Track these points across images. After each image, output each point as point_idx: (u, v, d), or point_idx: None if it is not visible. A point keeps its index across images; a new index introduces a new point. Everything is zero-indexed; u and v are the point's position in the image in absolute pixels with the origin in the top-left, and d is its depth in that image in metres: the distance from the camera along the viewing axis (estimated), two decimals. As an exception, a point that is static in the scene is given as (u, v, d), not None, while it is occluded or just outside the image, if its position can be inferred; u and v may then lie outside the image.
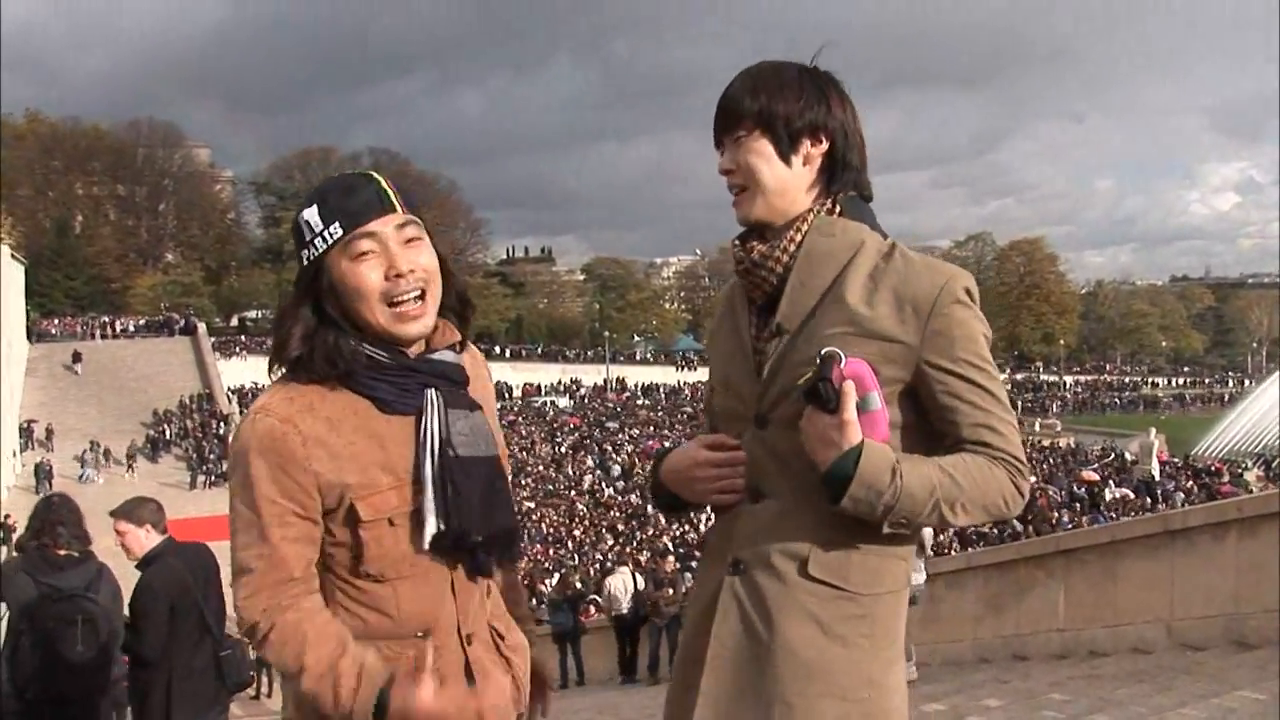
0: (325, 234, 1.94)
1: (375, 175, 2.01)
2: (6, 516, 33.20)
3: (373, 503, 1.93)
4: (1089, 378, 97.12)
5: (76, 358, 56.80)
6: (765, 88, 2.04)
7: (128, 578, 5.34)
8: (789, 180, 2.04)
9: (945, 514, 1.89)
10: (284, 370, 2.00)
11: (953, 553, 18.10)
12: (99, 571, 5.32)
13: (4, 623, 5.26)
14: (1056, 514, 28.58)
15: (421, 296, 1.96)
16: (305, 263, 1.97)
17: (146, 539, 5.26)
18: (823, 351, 1.89)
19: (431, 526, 1.94)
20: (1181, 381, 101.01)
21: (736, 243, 2.12)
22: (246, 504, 1.93)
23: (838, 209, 2.06)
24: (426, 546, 1.94)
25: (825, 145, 2.05)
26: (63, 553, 5.24)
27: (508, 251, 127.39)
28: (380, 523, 1.93)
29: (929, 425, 1.98)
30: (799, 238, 2.03)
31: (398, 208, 1.97)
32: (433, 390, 1.99)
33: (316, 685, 1.87)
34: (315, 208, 1.96)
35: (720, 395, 2.16)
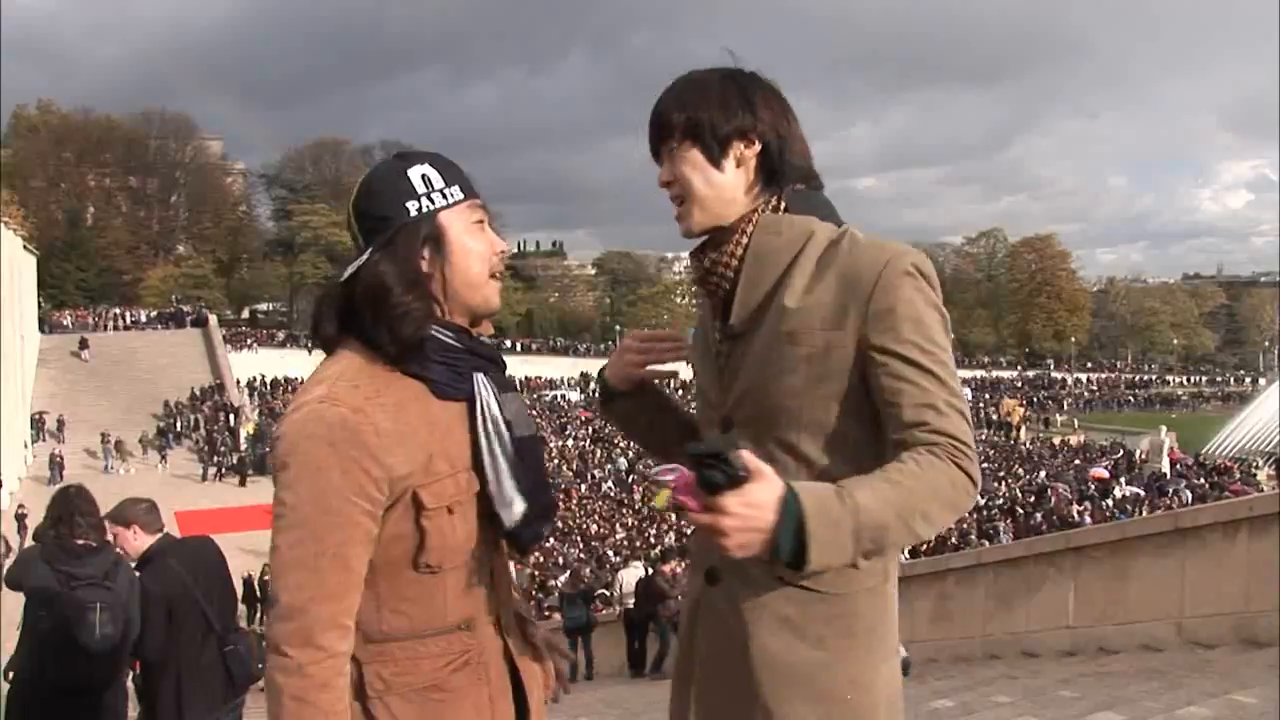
0: (445, 191, 1.95)
1: None
2: (20, 506, 33.37)
3: (435, 491, 1.88)
4: (1104, 375, 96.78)
5: (84, 344, 57.00)
6: (689, 99, 2.03)
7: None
8: (724, 185, 2.02)
9: (914, 525, 1.74)
10: (321, 345, 1.94)
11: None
12: (116, 561, 5.28)
13: (22, 611, 5.30)
14: (1080, 507, 28.61)
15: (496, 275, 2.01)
16: (414, 214, 1.91)
17: (136, 539, 5.26)
18: (653, 474, 1.74)
19: (520, 506, 1.94)
20: (1193, 380, 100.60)
21: (692, 254, 2.11)
22: (309, 500, 1.79)
23: (783, 205, 2.02)
24: (511, 527, 1.95)
25: (757, 146, 2.01)
26: (80, 542, 5.20)
27: (519, 245, 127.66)
28: (440, 511, 1.88)
29: (878, 437, 1.87)
30: (745, 240, 2.01)
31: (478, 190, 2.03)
32: (481, 374, 1.96)
33: None
34: (430, 166, 1.96)
35: (701, 400, 2.14)
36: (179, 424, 48.95)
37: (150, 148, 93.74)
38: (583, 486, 45.98)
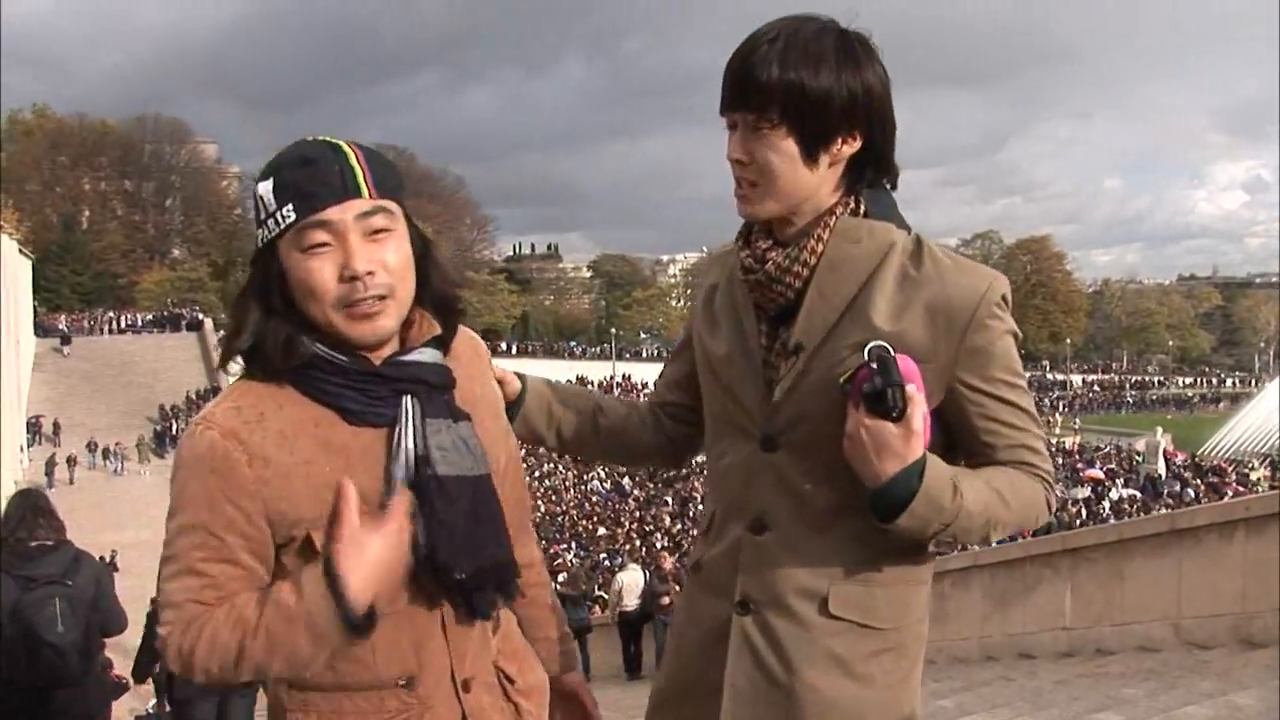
0: (277, 215, 1.60)
1: (344, 146, 1.65)
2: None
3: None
4: (1100, 377, 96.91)
5: (65, 340, 57.20)
6: (798, 70, 1.70)
7: (139, 574, 5.37)
8: (811, 184, 1.77)
9: (990, 535, 1.76)
10: (240, 369, 1.71)
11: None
12: (75, 557, 5.24)
13: None
14: (1074, 509, 28.65)
15: (382, 297, 1.63)
16: (260, 245, 1.65)
17: None
18: (871, 346, 1.67)
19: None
20: (1189, 381, 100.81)
21: (743, 247, 1.88)
22: (180, 530, 1.62)
23: (862, 207, 1.81)
24: (446, 582, 1.67)
25: (858, 144, 1.77)
26: (34, 543, 5.16)
27: (514, 248, 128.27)
28: None
29: (948, 443, 1.81)
30: (820, 246, 1.79)
31: (365, 191, 1.61)
32: (409, 397, 1.67)
33: (268, 639, 1.56)
34: (270, 180, 1.62)
35: (721, 400, 1.93)
36: (174, 428, 48.94)
37: (145, 151, 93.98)
38: (583, 487, 45.92)
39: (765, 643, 1.83)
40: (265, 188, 1.62)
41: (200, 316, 66.48)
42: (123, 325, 65.88)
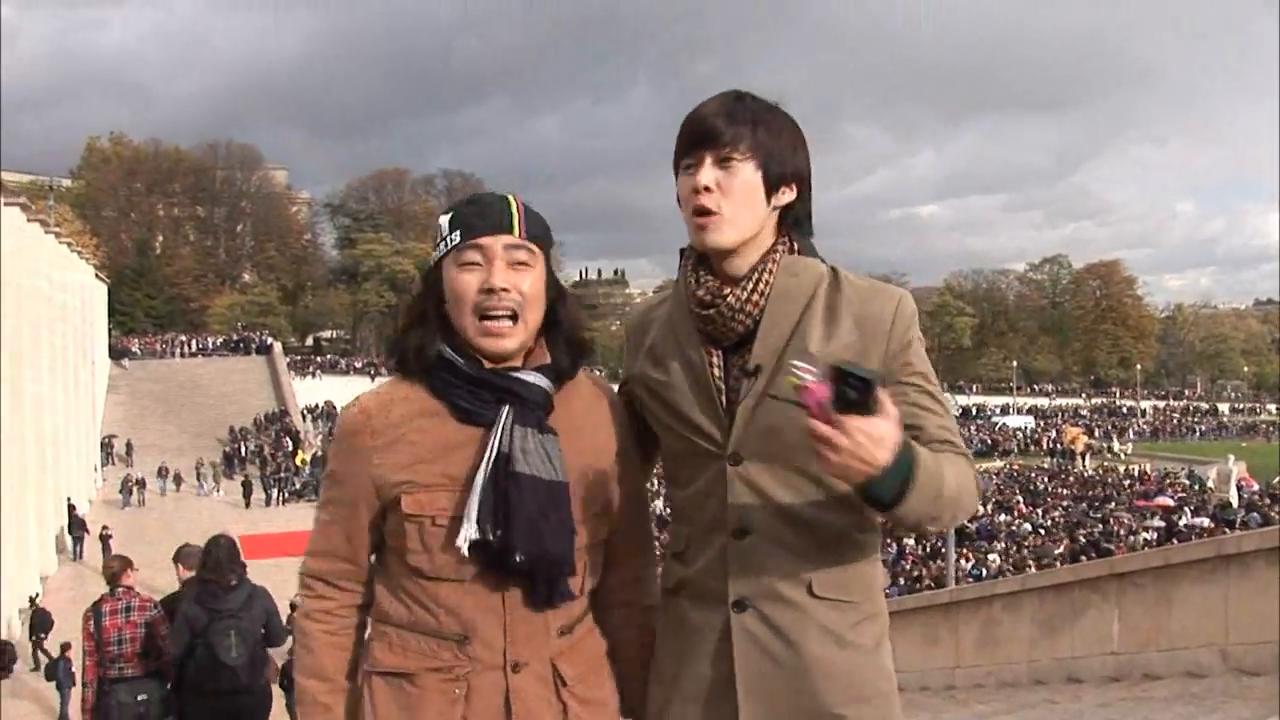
0: (447, 239, 2.04)
1: (511, 199, 2.07)
2: (104, 528, 34.31)
3: (418, 499, 2.00)
4: (1172, 403, 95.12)
5: (121, 354, 58.30)
6: (765, 122, 2.04)
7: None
8: (761, 220, 2.06)
9: (957, 513, 1.96)
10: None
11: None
12: (250, 594, 6.86)
13: (172, 634, 7.09)
14: (1147, 536, 28.11)
15: (514, 318, 2.01)
16: (433, 264, 2.09)
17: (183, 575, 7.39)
18: (795, 362, 1.88)
19: (469, 531, 1.96)
20: (1265, 407, 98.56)
21: (693, 281, 2.09)
22: (326, 475, 2.14)
23: (796, 248, 2.10)
24: (464, 550, 1.96)
25: (794, 194, 2.08)
26: (220, 583, 6.75)
27: (581, 273, 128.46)
28: (423, 520, 2.00)
29: None
30: (771, 279, 2.06)
31: (516, 229, 2.03)
32: (506, 406, 2.01)
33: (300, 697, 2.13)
34: (449, 214, 2.07)
35: (679, 433, 2.11)
36: (243, 450, 49.69)
37: (217, 178, 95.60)
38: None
39: (767, 631, 2.04)
40: (443, 219, 2.08)
41: (269, 340, 67.44)
42: (194, 349, 67.03)
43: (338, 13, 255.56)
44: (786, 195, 2.07)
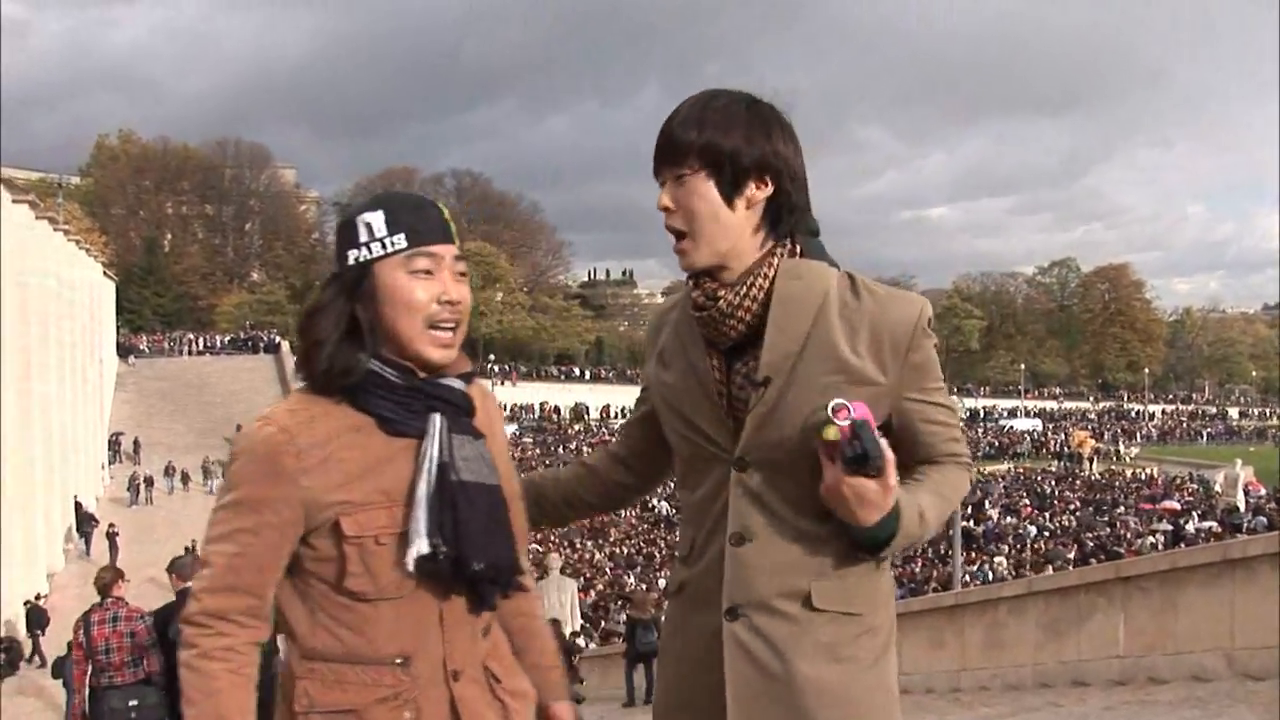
0: (387, 241, 1.93)
1: (441, 205, 2.03)
2: (110, 526, 34.40)
3: (358, 520, 1.91)
4: (1180, 407, 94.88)
5: (129, 352, 58.39)
6: (711, 123, 1.97)
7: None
8: (732, 225, 1.99)
9: (935, 531, 2.10)
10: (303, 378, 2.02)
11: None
12: None
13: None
14: (1153, 540, 28.03)
15: (454, 329, 1.97)
16: (351, 262, 1.96)
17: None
18: (834, 404, 1.86)
19: (419, 547, 1.90)
20: (1273, 412, 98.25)
21: (692, 284, 2.07)
22: (228, 504, 1.93)
23: (799, 250, 2.04)
24: (411, 568, 1.90)
25: (770, 189, 1.99)
26: None
27: (589, 274, 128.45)
28: (366, 541, 1.91)
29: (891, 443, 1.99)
30: (766, 284, 2.00)
31: (455, 241, 2.00)
32: (437, 415, 1.97)
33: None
34: (381, 213, 1.95)
35: (687, 437, 2.11)
36: (250, 447, 49.72)
37: (226, 176, 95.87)
38: (651, 515, 45.88)
39: (758, 642, 2.01)
40: (374, 216, 1.96)
41: (277, 339, 67.57)
42: (201, 347, 67.18)
43: (348, 12, 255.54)
44: (760, 191, 1.99)
